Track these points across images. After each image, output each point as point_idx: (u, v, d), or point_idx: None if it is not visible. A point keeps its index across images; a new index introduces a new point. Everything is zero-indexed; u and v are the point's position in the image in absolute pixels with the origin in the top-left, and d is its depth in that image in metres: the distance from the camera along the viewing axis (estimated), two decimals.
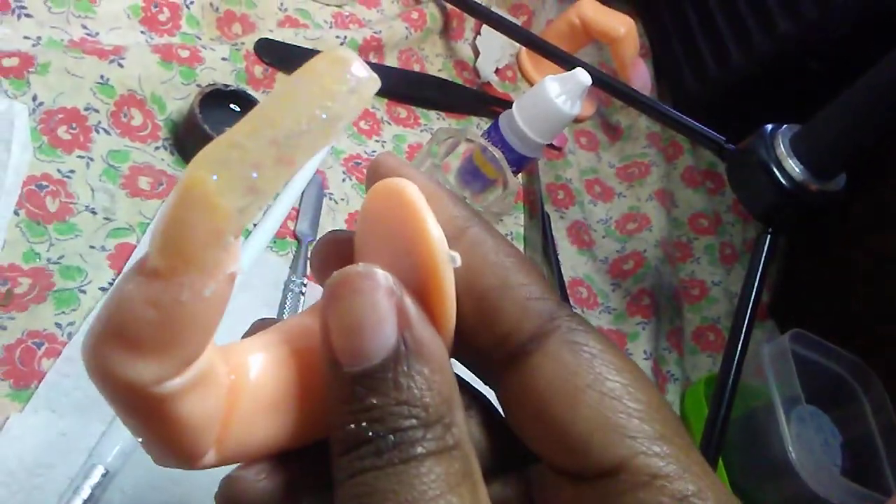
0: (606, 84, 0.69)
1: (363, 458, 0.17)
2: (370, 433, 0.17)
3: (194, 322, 0.17)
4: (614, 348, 0.20)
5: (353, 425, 0.17)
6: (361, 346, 0.18)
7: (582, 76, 0.64)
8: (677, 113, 0.67)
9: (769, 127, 0.60)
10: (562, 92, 0.64)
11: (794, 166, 0.58)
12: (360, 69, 0.18)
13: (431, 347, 0.18)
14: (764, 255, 0.58)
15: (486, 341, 0.21)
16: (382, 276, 0.18)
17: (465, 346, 0.21)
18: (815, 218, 0.59)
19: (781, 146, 0.58)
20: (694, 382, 0.74)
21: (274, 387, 0.19)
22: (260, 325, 0.22)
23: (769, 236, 0.59)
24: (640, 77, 0.86)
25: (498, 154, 0.63)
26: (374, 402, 0.17)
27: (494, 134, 0.69)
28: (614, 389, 0.19)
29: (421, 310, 0.19)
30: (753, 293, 0.61)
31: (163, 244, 0.16)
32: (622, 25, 0.84)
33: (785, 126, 0.60)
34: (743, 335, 0.60)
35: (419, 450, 0.17)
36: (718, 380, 0.60)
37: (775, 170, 0.57)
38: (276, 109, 0.17)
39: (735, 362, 0.60)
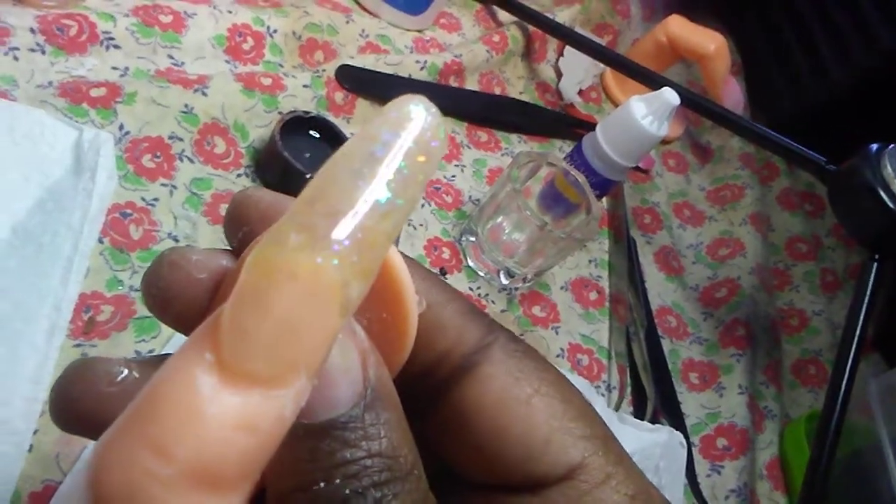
0: (696, 104, 0.67)
1: None
2: (347, 491, 0.15)
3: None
4: (540, 354, 0.21)
5: (323, 484, 0.15)
6: (329, 392, 0.15)
7: (670, 96, 0.61)
8: (774, 133, 0.64)
9: (874, 146, 0.56)
10: (648, 112, 0.62)
11: None
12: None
13: (391, 390, 0.16)
14: (871, 283, 0.54)
15: (422, 363, 0.20)
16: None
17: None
18: None
19: (889, 167, 0.54)
20: (794, 420, 0.69)
21: None
22: None
23: (875, 263, 0.55)
24: (732, 96, 0.83)
25: (581, 178, 0.61)
26: (348, 455, 0.15)
27: (577, 157, 0.67)
28: (555, 394, 0.20)
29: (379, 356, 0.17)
30: (859, 325, 0.56)
31: (268, 345, 0.13)
32: (712, 42, 0.81)
33: (892, 145, 0.56)
34: (848, 370, 0.56)
35: None
36: (821, 419, 0.56)
37: (882, 192, 0.53)
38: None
39: (840, 399, 0.56)
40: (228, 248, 0.19)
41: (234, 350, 0.13)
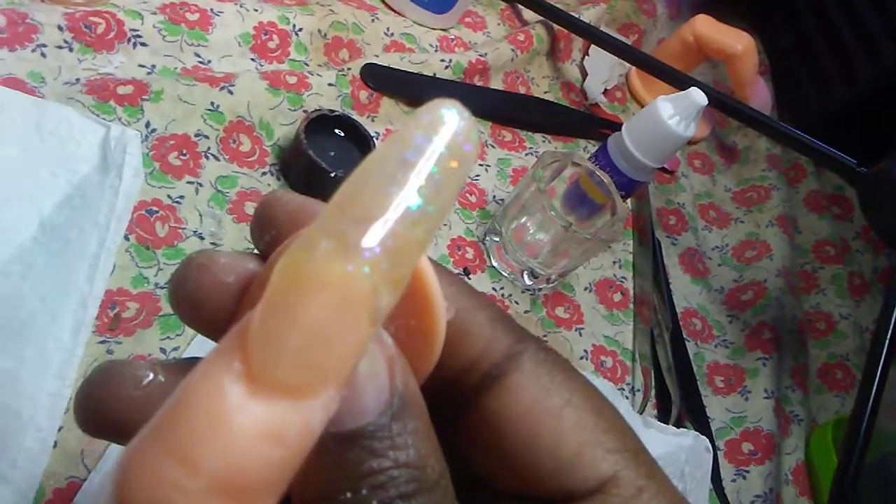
0: (724, 104, 0.66)
1: None
2: (374, 502, 0.15)
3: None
4: (570, 364, 0.20)
5: (350, 494, 0.15)
6: (356, 400, 0.15)
7: (697, 96, 0.60)
8: (804, 135, 0.63)
9: None
10: (675, 113, 0.61)
11: None
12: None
13: (418, 398, 0.16)
14: None
15: (450, 370, 0.19)
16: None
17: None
18: None
19: None
20: (821, 425, 0.68)
21: None
22: None
23: None
24: (760, 96, 0.82)
25: (606, 178, 0.60)
26: (375, 465, 0.15)
27: (602, 157, 0.66)
28: (586, 405, 0.19)
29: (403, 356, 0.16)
30: (890, 328, 0.55)
31: (297, 354, 0.13)
32: (739, 42, 0.80)
33: None
34: (879, 374, 0.55)
35: None
36: (850, 423, 0.55)
37: None
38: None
39: (870, 404, 0.55)
40: (255, 250, 0.19)
41: (263, 359, 0.13)
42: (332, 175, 0.52)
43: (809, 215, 0.86)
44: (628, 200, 0.71)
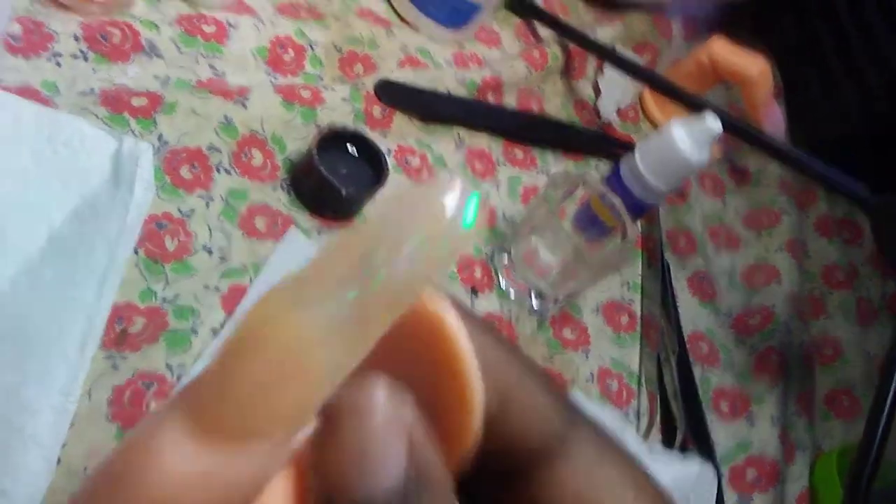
0: (738, 129, 0.65)
1: None
2: None
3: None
4: (625, 450, 0.19)
5: None
6: (361, 479, 0.14)
7: (712, 123, 0.60)
8: (817, 162, 0.62)
9: None
10: (689, 138, 0.61)
11: None
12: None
13: (440, 478, 0.15)
14: None
15: (491, 445, 0.17)
16: (388, 401, 0.14)
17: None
18: None
19: None
20: (826, 452, 0.68)
21: None
22: None
23: None
24: (774, 121, 0.81)
25: (617, 202, 0.60)
26: None
27: (614, 179, 0.66)
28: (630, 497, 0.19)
29: (432, 437, 0.15)
30: None
31: (240, 402, 0.13)
32: (755, 66, 0.79)
33: None
34: (889, 403, 0.55)
35: None
36: (859, 452, 0.55)
37: None
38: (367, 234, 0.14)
39: (878, 434, 0.54)
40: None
41: (208, 405, 0.13)
42: (343, 193, 0.52)
43: (819, 240, 0.86)
44: (638, 222, 0.71)
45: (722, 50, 0.80)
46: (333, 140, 0.55)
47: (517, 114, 0.73)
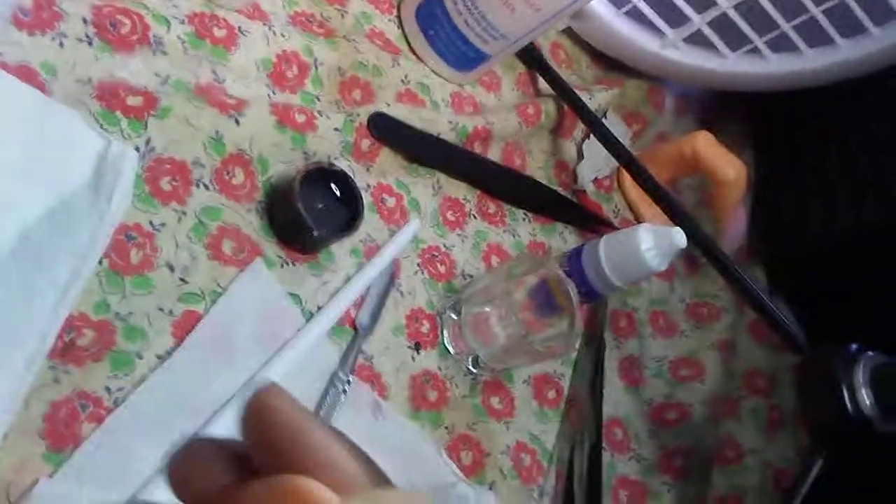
0: (701, 246, 0.68)
1: None
2: None
3: None
4: None
5: None
6: None
7: (678, 238, 0.62)
8: (768, 302, 0.65)
9: (853, 347, 0.58)
10: (653, 246, 0.63)
11: (865, 398, 0.56)
12: None
13: None
14: (810, 481, 0.56)
15: None
16: None
17: None
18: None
19: (860, 375, 0.56)
20: None
21: None
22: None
23: (821, 461, 0.57)
24: (736, 226, 0.84)
25: (573, 290, 0.62)
26: None
27: (575, 259, 0.68)
28: None
29: None
30: None
31: None
32: (733, 169, 0.82)
33: (870, 353, 0.57)
34: None
35: None
36: None
37: (846, 399, 0.55)
38: None
39: None
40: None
41: None
42: (315, 234, 0.53)
43: (750, 342, 0.89)
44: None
45: (706, 146, 0.82)
46: (318, 173, 0.56)
47: (499, 169, 0.74)
